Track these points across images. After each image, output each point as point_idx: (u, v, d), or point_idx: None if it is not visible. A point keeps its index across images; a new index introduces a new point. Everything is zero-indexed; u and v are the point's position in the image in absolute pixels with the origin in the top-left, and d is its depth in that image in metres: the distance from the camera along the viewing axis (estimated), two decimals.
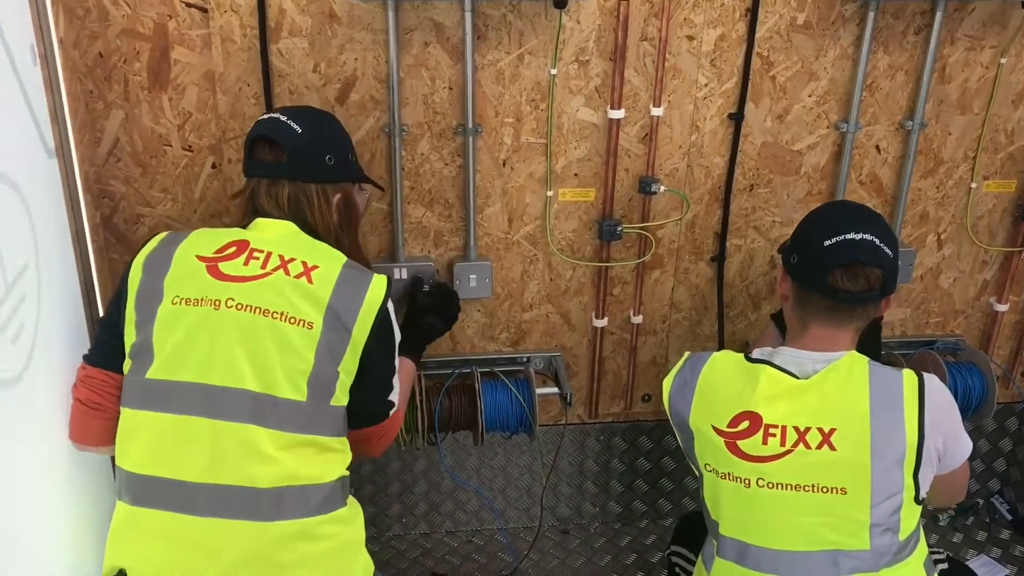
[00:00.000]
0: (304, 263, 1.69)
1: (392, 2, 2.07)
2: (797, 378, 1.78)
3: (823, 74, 2.33)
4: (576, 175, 2.37)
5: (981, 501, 2.95)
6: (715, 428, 1.80)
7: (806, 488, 1.73)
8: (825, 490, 1.72)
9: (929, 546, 1.88)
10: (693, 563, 2.15)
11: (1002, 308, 2.68)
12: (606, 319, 2.55)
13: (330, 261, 1.72)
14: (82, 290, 2.03)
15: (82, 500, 1.90)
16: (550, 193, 2.36)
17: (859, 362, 1.79)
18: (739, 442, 1.77)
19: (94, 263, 2.13)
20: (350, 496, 1.78)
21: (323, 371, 1.65)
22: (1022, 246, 2.59)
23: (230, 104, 2.19)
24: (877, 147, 2.44)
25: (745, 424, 1.77)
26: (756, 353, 1.86)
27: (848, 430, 1.72)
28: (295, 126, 1.82)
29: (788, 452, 1.73)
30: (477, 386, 2.33)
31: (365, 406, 1.76)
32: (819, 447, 1.72)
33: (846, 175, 2.42)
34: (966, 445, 1.82)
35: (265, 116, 1.88)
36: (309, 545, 1.65)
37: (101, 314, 2.18)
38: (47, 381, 1.73)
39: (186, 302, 1.65)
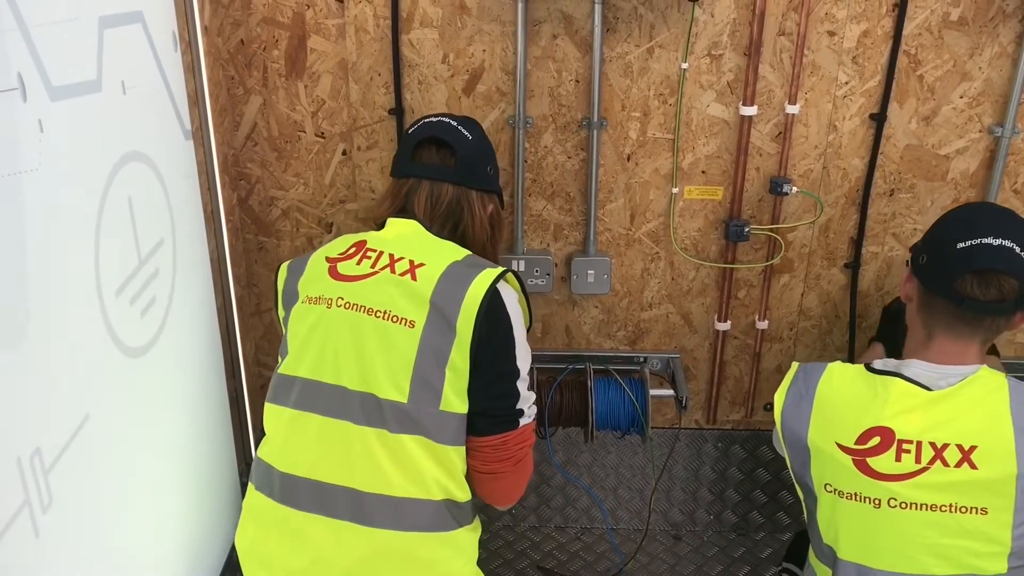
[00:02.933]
0: (411, 261, 1.64)
1: None
2: (930, 390, 1.67)
3: (977, 74, 2.18)
4: (704, 172, 2.31)
5: None
6: (840, 446, 1.69)
7: (943, 508, 1.62)
8: (964, 510, 1.61)
9: None
10: None
11: None
12: (729, 322, 2.47)
13: (440, 258, 1.66)
14: (214, 268, 2.13)
15: (202, 469, 1.99)
16: (675, 190, 2.31)
17: (997, 378, 1.67)
18: (869, 460, 1.66)
19: (228, 242, 2.23)
20: (468, 526, 1.69)
21: (427, 372, 1.58)
22: None
23: (361, 93, 2.24)
24: None
25: (876, 440, 1.66)
26: (879, 364, 1.75)
27: (991, 448, 1.60)
28: (466, 132, 1.82)
29: (924, 470, 1.62)
30: (589, 383, 2.30)
31: (484, 407, 1.63)
32: (958, 465, 1.60)
33: (998, 183, 2.26)
34: None
35: (433, 119, 1.85)
36: (399, 562, 1.62)
37: (232, 292, 2.29)
38: (175, 353, 1.82)
39: (310, 301, 1.67)
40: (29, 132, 1.24)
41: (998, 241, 1.65)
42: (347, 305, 1.63)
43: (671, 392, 2.42)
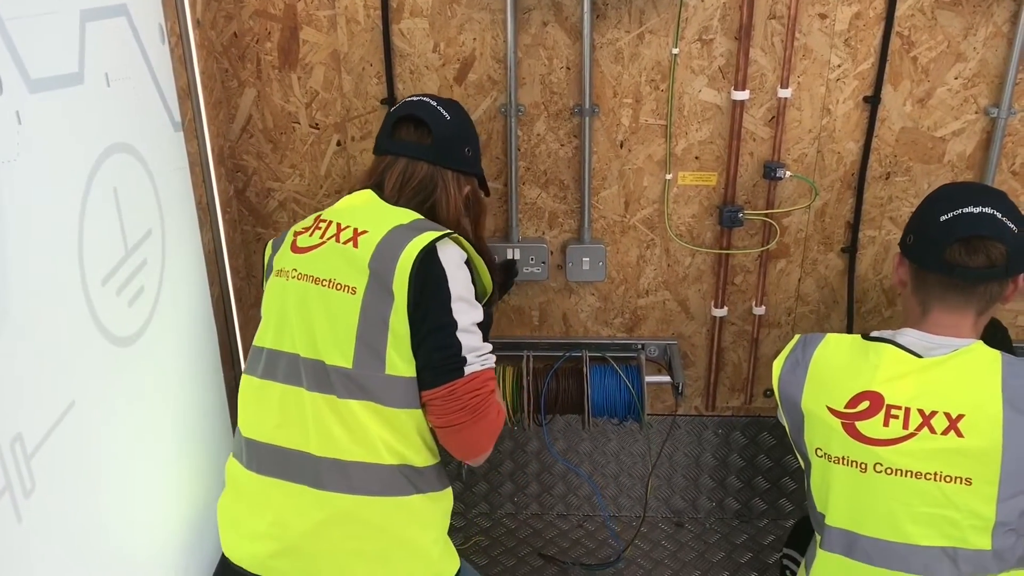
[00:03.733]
0: (355, 229, 1.68)
1: None
2: (922, 359, 1.67)
3: (972, 54, 2.15)
4: (697, 158, 2.30)
5: None
6: (831, 409, 1.71)
7: (927, 476, 1.62)
8: (948, 479, 1.61)
9: None
10: None
11: None
12: (726, 308, 2.46)
13: (383, 224, 1.67)
14: (210, 259, 2.15)
15: (197, 457, 2.01)
16: (669, 176, 2.31)
17: (991, 351, 1.68)
18: (858, 423, 1.68)
19: (224, 233, 2.25)
20: (431, 493, 1.71)
21: (369, 337, 1.61)
22: None
23: (354, 83, 2.26)
24: None
25: (865, 404, 1.67)
26: (875, 333, 1.77)
27: (978, 418, 1.60)
28: (444, 112, 1.85)
29: (911, 436, 1.63)
30: (585, 370, 2.31)
31: (426, 361, 1.63)
32: (945, 433, 1.61)
33: (995, 164, 2.24)
34: None
35: (414, 98, 1.89)
36: (352, 526, 1.65)
37: (230, 283, 2.31)
38: (166, 342, 1.84)
39: (277, 274, 1.75)
40: (6, 123, 1.26)
41: (979, 208, 1.68)
42: (299, 276, 1.70)
43: (667, 378, 2.42)
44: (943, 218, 1.70)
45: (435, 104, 1.86)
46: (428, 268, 1.63)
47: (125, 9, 1.65)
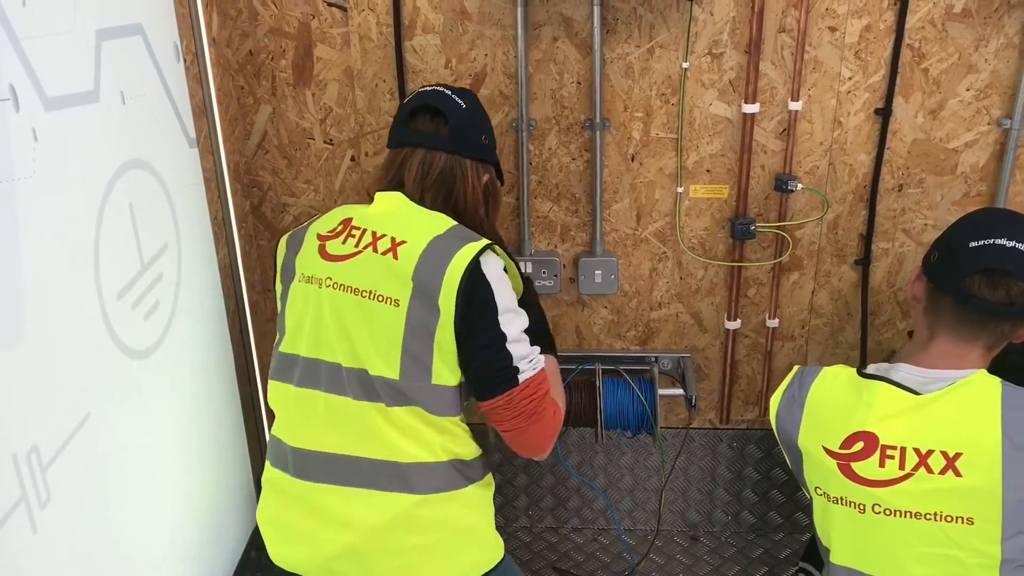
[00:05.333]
0: (393, 239, 1.66)
1: None
2: (918, 395, 1.64)
3: (984, 66, 2.15)
4: (708, 171, 2.31)
5: None
6: (826, 449, 1.68)
7: (927, 516, 1.59)
8: (949, 519, 1.58)
9: None
10: None
11: None
12: (739, 321, 2.46)
13: (421, 234, 1.67)
14: (225, 273, 2.18)
15: (212, 470, 2.04)
16: (680, 189, 2.31)
17: (991, 382, 1.63)
18: (853, 464, 1.64)
19: (239, 248, 2.28)
20: (480, 481, 1.75)
21: (416, 349, 1.62)
22: None
23: (367, 99, 2.28)
24: None
25: (859, 445, 1.64)
26: (871, 368, 1.73)
27: (976, 456, 1.57)
28: (459, 101, 1.83)
29: (908, 476, 1.60)
30: (598, 382, 2.31)
31: (478, 374, 1.67)
32: (943, 472, 1.58)
33: (1009, 176, 2.23)
34: None
35: (428, 88, 1.88)
36: (415, 523, 1.67)
37: (246, 297, 2.34)
38: (181, 355, 1.87)
39: (306, 280, 1.72)
40: (23, 141, 1.29)
41: (1011, 243, 1.62)
42: (335, 285, 1.67)
43: (680, 391, 2.41)
44: (972, 244, 1.64)
45: (450, 93, 1.83)
46: (475, 284, 1.63)
47: (140, 28, 1.68)
